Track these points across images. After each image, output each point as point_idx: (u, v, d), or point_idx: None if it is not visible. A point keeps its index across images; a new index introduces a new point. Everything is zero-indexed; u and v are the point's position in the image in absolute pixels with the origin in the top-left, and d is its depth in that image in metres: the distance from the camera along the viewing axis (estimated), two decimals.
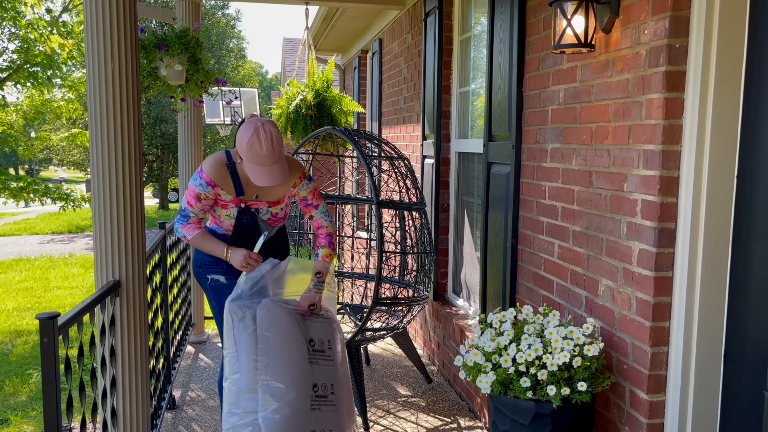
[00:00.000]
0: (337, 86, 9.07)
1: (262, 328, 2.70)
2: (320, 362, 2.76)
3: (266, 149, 2.62)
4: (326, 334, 2.85)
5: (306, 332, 2.77)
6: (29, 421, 4.33)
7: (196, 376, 4.25)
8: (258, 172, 2.66)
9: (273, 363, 2.66)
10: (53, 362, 1.82)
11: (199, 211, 2.80)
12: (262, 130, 2.62)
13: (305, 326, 2.79)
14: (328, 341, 2.84)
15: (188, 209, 2.80)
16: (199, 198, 2.77)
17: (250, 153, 2.64)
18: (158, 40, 3.93)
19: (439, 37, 4.34)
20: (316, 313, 2.87)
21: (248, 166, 2.69)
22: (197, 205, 2.78)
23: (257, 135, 2.62)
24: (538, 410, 2.31)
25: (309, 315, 2.85)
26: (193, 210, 2.79)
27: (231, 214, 2.88)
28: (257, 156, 2.63)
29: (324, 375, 2.75)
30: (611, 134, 2.40)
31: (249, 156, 2.65)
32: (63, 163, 28.13)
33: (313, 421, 2.64)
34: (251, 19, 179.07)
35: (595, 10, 2.36)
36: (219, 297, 2.98)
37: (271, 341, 2.68)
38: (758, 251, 1.99)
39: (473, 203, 4.12)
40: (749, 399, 2.04)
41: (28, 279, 9.61)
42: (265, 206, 2.91)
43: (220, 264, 2.97)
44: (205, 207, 2.80)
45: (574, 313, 2.68)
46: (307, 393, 2.66)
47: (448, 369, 4.13)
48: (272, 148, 2.63)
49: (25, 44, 12.62)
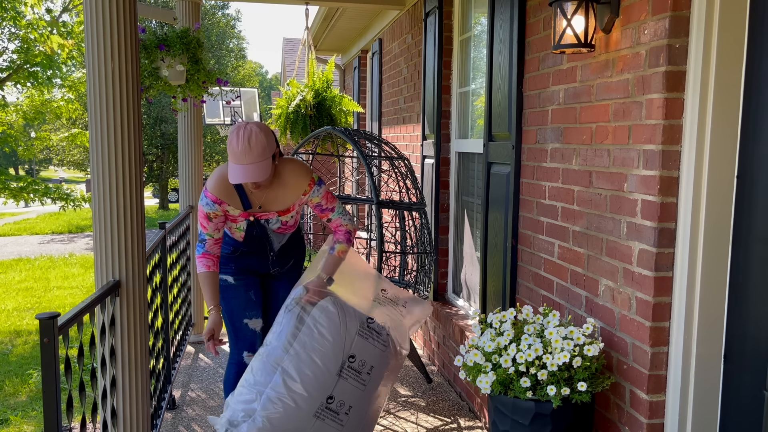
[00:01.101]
0: (337, 86, 9.08)
1: (313, 319, 2.69)
2: (349, 380, 2.70)
3: (241, 146, 2.58)
4: (374, 360, 2.76)
5: (351, 346, 2.72)
6: (29, 421, 4.33)
7: (196, 376, 4.25)
8: (232, 170, 2.63)
9: (302, 356, 2.65)
10: (53, 362, 1.82)
11: (214, 231, 2.79)
12: (243, 128, 2.62)
13: (355, 341, 2.73)
14: (371, 367, 2.75)
15: (203, 232, 2.80)
16: (209, 218, 2.77)
17: (229, 150, 2.65)
18: (159, 40, 3.93)
19: (439, 37, 4.34)
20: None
21: (229, 165, 2.67)
22: (210, 225, 2.78)
23: (236, 133, 2.62)
24: (538, 410, 2.31)
25: (368, 333, 2.79)
26: (207, 232, 2.79)
27: (241, 227, 2.89)
28: (233, 152, 2.62)
29: (347, 393, 2.68)
30: (611, 134, 2.40)
31: (229, 154, 2.66)
32: (63, 163, 28.15)
33: (311, 428, 2.63)
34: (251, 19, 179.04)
35: (595, 10, 2.36)
36: (225, 297, 2.98)
37: (313, 336, 2.67)
38: (758, 251, 1.99)
39: (473, 203, 4.12)
40: (749, 399, 2.04)
41: (28, 279, 9.61)
42: (274, 216, 2.89)
43: (230, 264, 2.98)
44: (218, 225, 2.80)
45: (574, 313, 2.68)
46: (318, 400, 2.63)
47: (448, 369, 4.13)
48: (248, 146, 2.58)
49: (25, 44, 12.62)
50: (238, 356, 2.99)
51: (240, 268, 2.99)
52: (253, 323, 2.99)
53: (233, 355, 3.02)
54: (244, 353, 2.99)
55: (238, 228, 2.89)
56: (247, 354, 2.99)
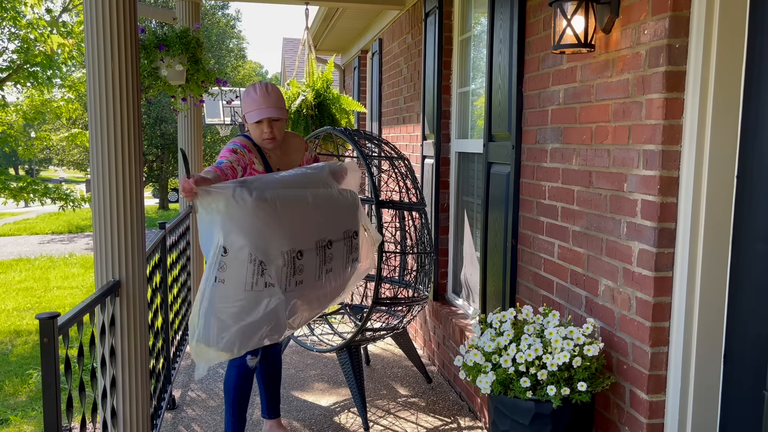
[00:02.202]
0: (337, 86, 9.07)
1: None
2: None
3: (260, 92, 2.80)
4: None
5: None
6: (29, 421, 4.33)
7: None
8: (254, 112, 2.80)
9: None
10: (53, 362, 1.82)
11: (234, 160, 2.76)
12: (258, 84, 2.85)
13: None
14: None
15: (221, 160, 2.75)
16: (234, 151, 2.81)
17: (247, 101, 2.82)
18: (159, 40, 3.93)
19: (439, 37, 4.34)
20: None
21: (248, 116, 2.84)
22: (231, 156, 2.78)
23: (253, 86, 2.84)
24: (538, 410, 2.31)
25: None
26: (227, 158, 2.75)
27: None
28: (253, 100, 2.80)
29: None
30: (611, 134, 2.40)
31: (246, 105, 2.82)
32: (63, 163, 28.16)
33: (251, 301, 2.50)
34: (251, 19, 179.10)
35: (595, 10, 2.36)
36: None
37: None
38: (758, 251, 1.99)
39: (473, 203, 4.12)
40: (749, 399, 2.04)
41: (28, 279, 9.61)
42: None
43: None
44: (240, 161, 2.79)
45: (574, 313, 2.68)
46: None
47: (448, 369, 4.13)
48: (267, 93, 2.80)
49: (25, 44, 12.62)
50: (241, 359, 2.97)
51: None
52: None
53: (236, 358, 2.99)
54: (248, 357, 2.98)
55: None
56: (250, 357, 2.98)
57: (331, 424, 3.54)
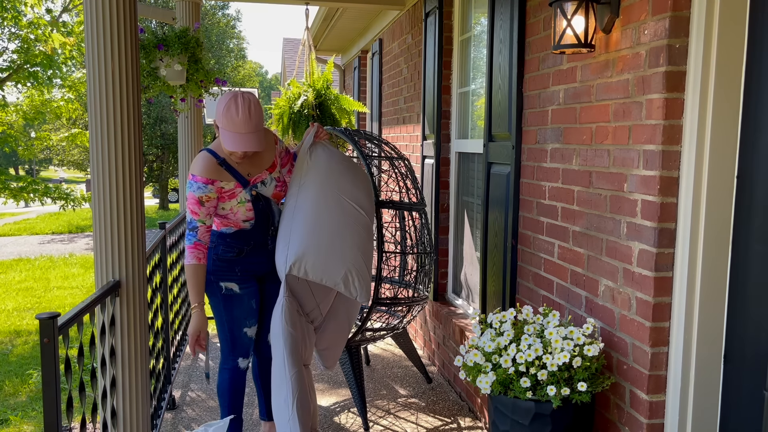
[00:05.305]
0: (337, 86, 9.07)
1: None
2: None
3: (242, 115, 2.62)
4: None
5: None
6: (29, 421, 4.33)
7: (196, 377, 4.25)
8: (232, 138, 2.64)
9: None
10: (53, 362, 1.82)
11: (206, 217, 2.73)
12: (241, 98, 2.65)
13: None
14: None
15: (194, 219, 2.72)
16: (201, 202, 2.71)
17: (226, 118, 2.64)
18: (158, 40, 3.93)
19: (439, 37, 4.34)
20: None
21: (223, 134, 2.67)
22: (201, 210, 2.72)
23: (234, 101, 2.64)
24: (538, 410, 2.31)
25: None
26: (199, 218, 2.72)
27: (242, 199, 2.81)
28: (232, 121, 2.63)
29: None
30: (611, 134, 2.40)
31: (225, 122, 2.65)
32: (63, 163, 28.15)
33: None
34: (251, 19, 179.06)
35: (595, 10, 2.36)
36: (229, 307, 2.89)
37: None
38: (758, 251, 1.99)
39: (473, 203, 4.12)
40: (749, 399, 2.04)
41: (28, 279, 9.61)
42: (266, 175, 2.88)
43: (235, 269, 2.88)
44: (210, 210, 2.74)
45: (574, 314, 2.68)
46: None
47: (448, 369, 4.13)
48: (249, 116, 2.63)
49: (25, 44, 12.61)
50: (233, 362, 2.96)
51: (245, 274, 2.91)
52: (251, 331, 2.96)
53: (227, 361, 2.97)
54: (239, 359, 2.97)
55: (240, 202, 2.80)
56: (241, 359, 2.97)
57: (331, 424, 3.54)
